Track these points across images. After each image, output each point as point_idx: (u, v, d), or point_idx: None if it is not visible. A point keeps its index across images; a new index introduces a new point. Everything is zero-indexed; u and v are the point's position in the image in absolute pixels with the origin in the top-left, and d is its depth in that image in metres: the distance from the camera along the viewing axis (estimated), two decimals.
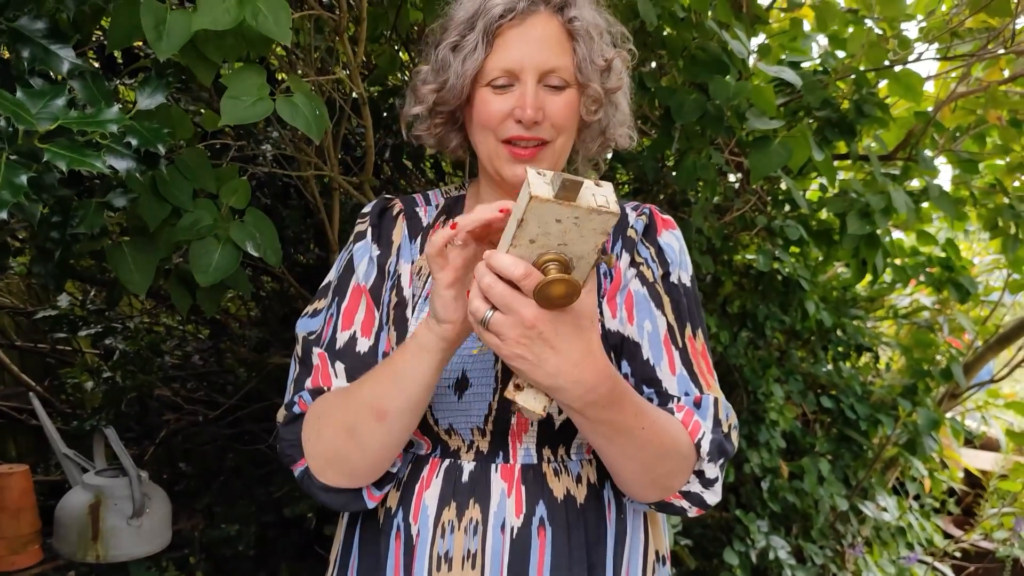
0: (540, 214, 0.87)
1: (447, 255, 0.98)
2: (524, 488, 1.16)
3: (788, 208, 3.14)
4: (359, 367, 1.19)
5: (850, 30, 2.83)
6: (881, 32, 2.85)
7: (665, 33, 2.46)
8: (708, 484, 1.16)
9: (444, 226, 1.31)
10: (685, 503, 1.16)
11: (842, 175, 3.35)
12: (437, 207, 1.35)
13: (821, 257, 3.40)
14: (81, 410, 2.88)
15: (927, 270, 3.46)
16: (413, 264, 1.28)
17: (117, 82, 1.95)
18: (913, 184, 3.10)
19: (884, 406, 3.46)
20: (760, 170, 2.32)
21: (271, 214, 2.57)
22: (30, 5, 1.29)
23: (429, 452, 1.21)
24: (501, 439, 1.17)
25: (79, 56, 1.36)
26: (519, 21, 1.14)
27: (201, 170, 1.65)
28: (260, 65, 1.51)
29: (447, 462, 1.19)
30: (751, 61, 2.52)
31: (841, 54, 2.89)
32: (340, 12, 1.77)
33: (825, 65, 2.84)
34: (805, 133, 2.39)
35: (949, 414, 3.99)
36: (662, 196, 3.03)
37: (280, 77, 2.37)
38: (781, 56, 2.97)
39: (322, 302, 1.28)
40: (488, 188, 1.28)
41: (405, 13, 2.27)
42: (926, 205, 3.19)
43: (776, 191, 3.18)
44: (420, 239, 1.30)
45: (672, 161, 2.84)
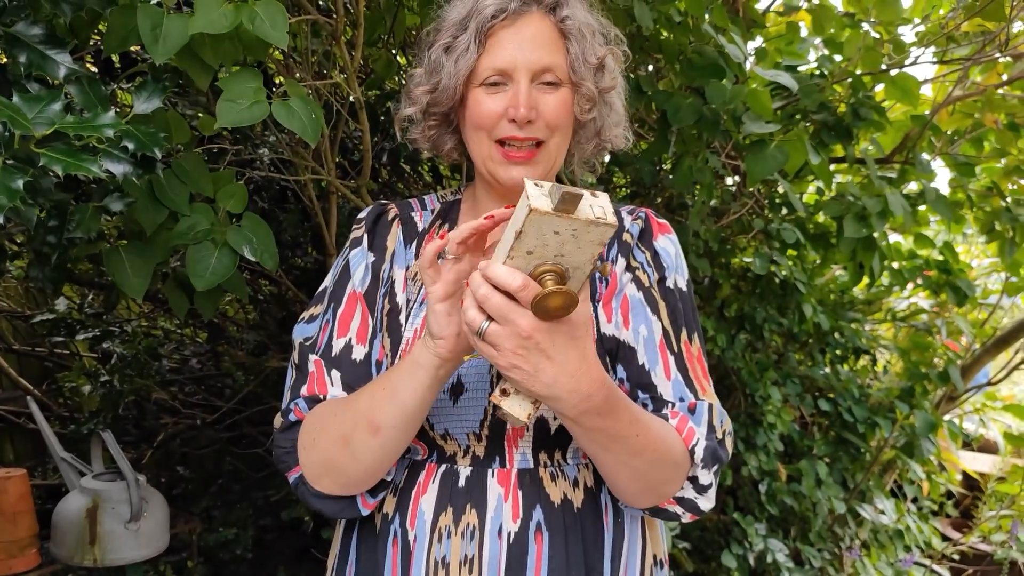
0: (539, 226, 0.86)
1: (439, 268, 0.98)
2: (521, 493, 1.15)
3: (785, 211, 3.14)
4: (354, 374, 1.19)
5: (847, 34, 2.84)
6: (878, 36, 2.86)
7: (662, 37, 2.46)
8: (702, 490, 1.15)
9: (439, 232, 1.31)
10: (679, 509, 1.16)
11: (839, 178, 3.35)
12: (433, 212, 1.34)
13: (818, 260, 3.41)
14: (79, 414, 2.87)
15: (925, 273, 3.46)
16: (408, 270, 1.27)
17: (114, 86, 1.95)
18: (911, 187, 3.11)
19: (882, 409, 3.46)
20: (757, 174, 2.33)
21: (268, 218, 2.58)
22: (27, 10, 1.29)
23: (425, 457, 1.20)
24: (497, 444, 1.16)
25: (76, 61, 1.36)
26: (511, 21, 1.14)
27: (198, 174, 1.65)
28: (257, 69, 1.51)
29: (443, 467, 1.18)
30: (747, 65, 2.53)
31: (838, 58, 2.90)
32: (337, 16, 1.78)
33: (822, 69, 2.85)
34: (801, 137, 2.40)
35: (947, 417, 3.99)
36: (659, 199, 3.04)
37: (277, 81, 2.38)
38: (778, 60, 2.98)
39: (318, 308, 1.28)
40: (484, 192, 1.28)
41: (402, 17, 2.27)
42: (923, 208, 3.19)
43: (773, 194, 3.18)
44: (415, 244, 1.30)
45: (669, 165, 2.84)
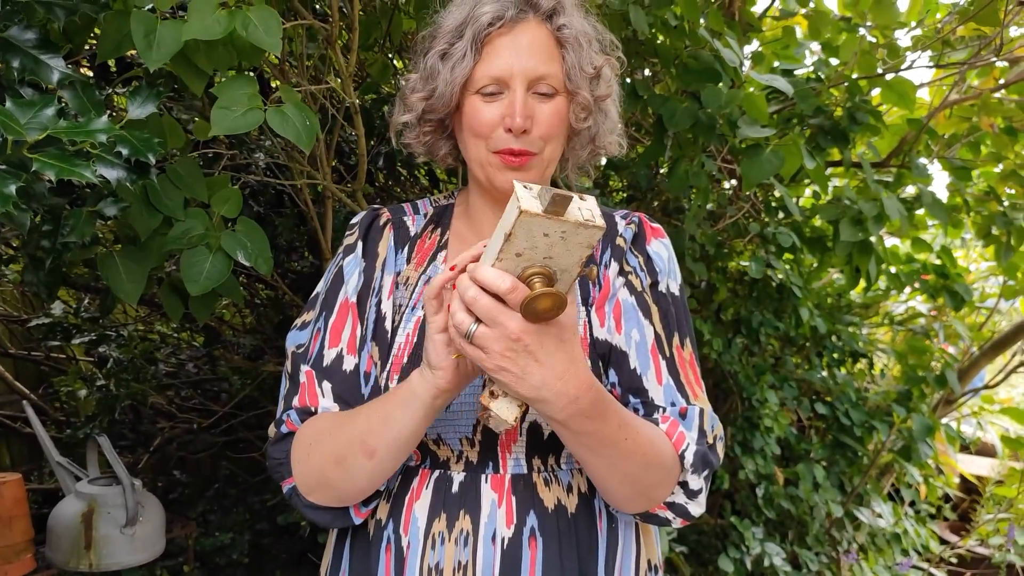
0: (528, 228, 0.86)
1: (443, 298, 0.98)
2: (514, 498, 1.15)
3: (781, 215, 3.15)
4: (345, 385, 1.19)
5: (843, 38, 2.84)
6: (874, 40, 2.86)
7: (657, 41, 2.47)
8: (692, 495, 1.15)
9: (432, 235, 1.31)
10: (669, 514, 1.15)
11: (835, 182, 3.35)
12: (426, 216, 1.34)
13: (815, 264, 3.41)
14: (75, 418, 2.87)
15: (922, 277, 3.46)
16: (399, 275, 1.27)
17: (110, 91, 1.95)
18: (907, 191, 3.11)
19: (879, 412, 3.46)
20: (752, 178, 2.33)
21: (264, 222, 2.58)
22: (20, 15, 1.29)
23: (418, 463, 1.20)
24: (490, 449, 1.16)
25: (71, 66, 1.36)
26: (508, 29, 1.14)
27: (193, 179, 1.64)
28: (253, 74, 1.51)
29: (437, 473, 1.18)
30: (744, 69, 2.53)
31: (834, 62, 2.90)
32: (332, 21, 1.77)
33: (818, 73, 2.85)
34: (797, 141, 2.40)
35: (944, 420, 3.99)
36: (656, 203, 3.04)
37: (274, 85, 2.38)
38: (774, 64, 2.98)
39: (310, 314, 1.28)
40: (478, 195, 1.28)
41: (398, 21, 2.27)
42: (920, 212, 3.19)
43: (769, 198, 3.18)
44: (407, 248, 1.30)
45: (665, 169, 2.84)
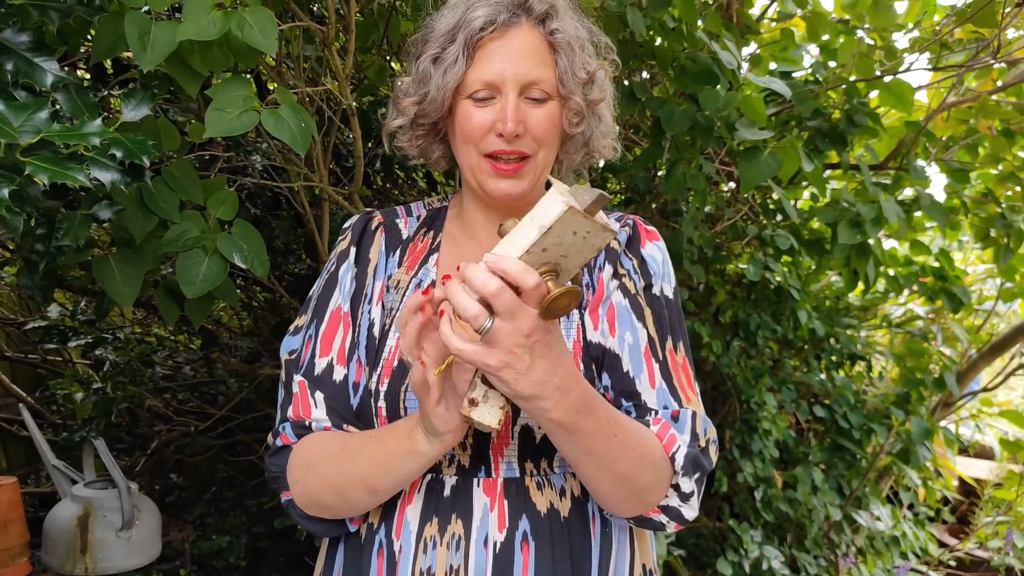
0: (566, 226, 0.86)
1: (432, 383, 0.97)
2: (507, 502, 1.14)
3: (779, 217, 3.14)
4: (336, 397, 1.20)
5: (841, 40, 2.84)
6: (872, 42, 2.86)
7: (655, 44, 2.46)
8: (685, 498, 1.14)
9: (424, 238, 1.31)
10: (663, 518, 1.15)
11: (833, 184, 3.35)
12: (419, 218, 1.34)
13: (813, 266, 3.41)
14: (71, 421, 2.87)
15: (921, 280, 3.46)
16: (390, 278, 1.27)
17: (105, 93, 1.94)
18: (905, 193, 3.11)
19: (877, 415, 3.46)
20: (750, 180, 2.32)
21: (261, 225, 2.57)
22: (14, 18, 1.29)
23: None
24: (482, 453, 1.15)
25: (67, 68, 1.35)
26: (500, 33, 1.13)
27: (188, 181, 1.64)
28: (249, 76, 1.51)
29: (429, 477, 1.17)
30: (741, 71, 2.53)
31: (832, 64, 2.90)
32: (329, 23, 1.77)
33: (816, 75, 2.85)
34: (795, 143, 2.40)
35: (943, 423, 3.99)
36: (654, 206, 3.03)
37: (271, 87, 2.38)
38: (771, 66, 2.98)
39: (303, 319, 1.28)
40: (471, 200, 1.28)
41: (395, 24, 2.27)
42: (918, 214, 3.19)
43: (767, 201, 3.18)
44: (398, 251, 1.29)
45: (663, 171, 2.84)
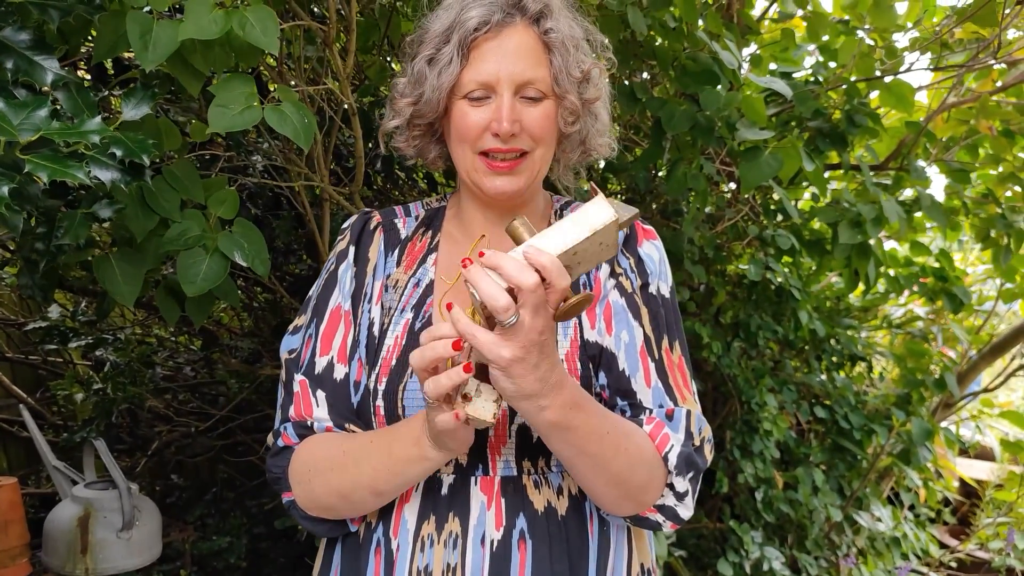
0: (604, 234, 0.91)
1: (449, 400, 0.97)
2: (504, 501, 1.15)
3: (780, 218, 3.14)
4: (337, 395, 1.21)
5: (841, 41, 2.84)
6: (872, 43, 2.86)
7: (656, 43, 2.46)
8: (680, 497, 1.15)
9: (423, 238, 1.31)
10: (660, 517, 1.15)
11: (834, 185, 3.35)
12: (417, 218, 1.34)
13: (814, 267, 3.41)
14: (72, 422, 2.87)
15: (921, 280, 3.46)
16: (388, 278, 1.27)
17: (106, 93, 1.94)
18: (906, 194, 3.11)
19: (878, 416, 3.46)
20: (751, 180, 2.32)
21: (262, 225, 2.57)
22: (14, 16, 1.29)
23: None
24: (480, 451, 1.16)
25: (68, 67, 1.35)
26: (494, 34, 1.13)
27: (189, 181, 1.64)
28: (249, 75, 1.51)
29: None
30: (742, 71, 2.53)
31: (832, 64, 2.90)
32: (330, 23, 1.77)
33: (816, 75, 2.85)
34: (795, 144, 2.40)
35: (943, 424, 3.98)
36: (654, 206, 3.03)
37: (272, 88, 2.38)
38: (772, 66, 2.98)
39: (303, 318, 1.28)
40: (468, 200, 1.28)
41: (396, 24, 2.27)
42: (918, 215, 3.19)
43: (768, 201, 3.18)
44: (397, 251, 1.30)
45: (664, 171, 2.84)
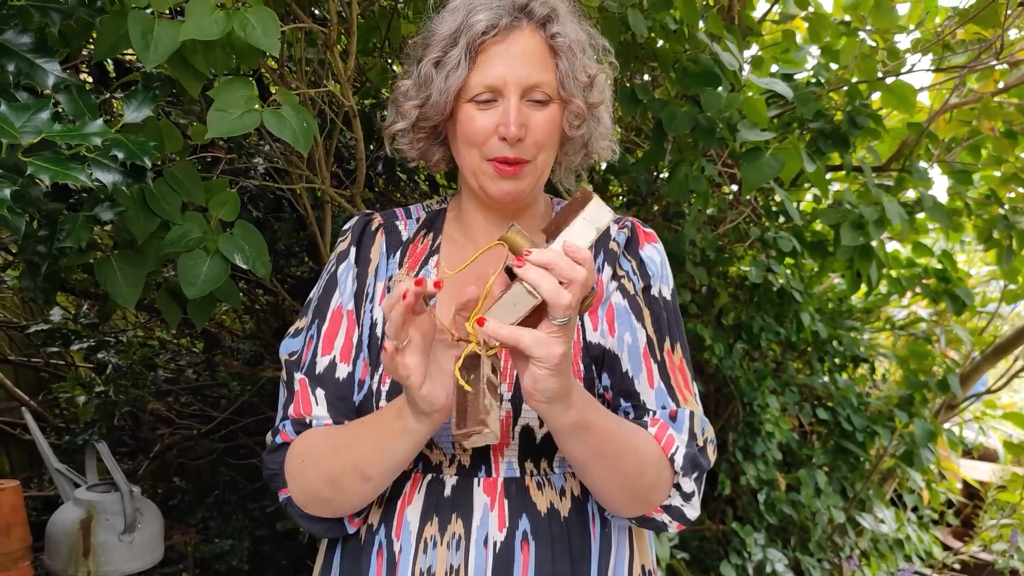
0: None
1: (408, 365, 0.95)
2: (507, 502, 1.15)
3: (782, 219, 3.14)
4: (339, 393, 1.20)
5: (843, 42, 2.84)
6: (874, 44, 2.86)
7: (657, 45, 2.46)
8: (686, 498, 1.15)
9: (424, 240, 1.31)
10: (666, 517, 1.15)
11: (836, 186, 3.35)
12: (418, 220, 1.34)
13: (816, 268, 3.41)
14: (74, 424, 2.87)
15: (923, 282, 3.45)
16: (391, 279, 1.27)
17: (108, 96, 1.94)
18: (908, 195, 3.11)
19: (881, 417, 3.46)
20: (752, 182, 2.32)
21: (263, 227, 2.57)
22: (16, 19, 1.29)
23: (411, 468, 1.19)
24: (483, 453, 1.16)
25: (70, 70, 1.35)
26: (502, 37, 1.13)
27: (190, 183, 1.64)
28: (251, 78, 1.51)
29: (429, 477, 1.17)
30: (743, 73, 2.53)
31: (834, 66, 2.90)
32: (331, 25, 1.77)
33: (818, 77, 2.85)
34: (796, 145, 2.39)
35: (946, 425, 3.98)
36: (656, 208, 3.03)
37: (273, 90, 2.38)
38: (773, 68, 2.98)
39: (303, 321, 1.28)
40: (469, 201, 1.28)
41: (397, 26, 2.28)
42: (920, 216, 3.19)
43: (770, 203, 3.18)
44: (399, 253, 1.30)
45: (665, 173, 2.84)
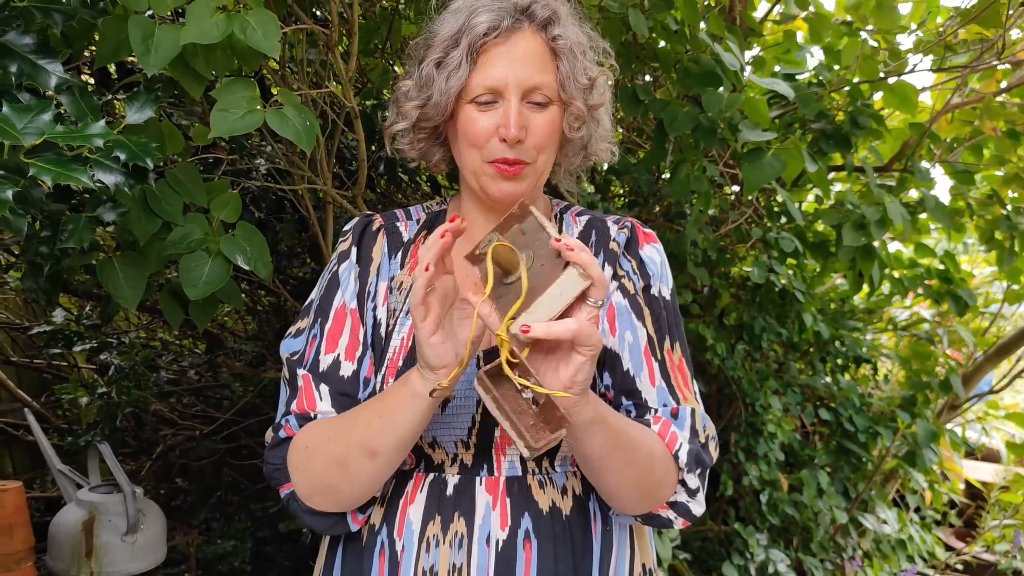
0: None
1: (430, 303, 0.98)
2: (509, 501, 1.15)
3: (784, 220, 3.14)
4: (343, 390, 1.20)
5: (844, 42, 2.84)
6: (875, 44, 2.86)
7: (658, 46, 2.46)
8: (692, 494, 1.17)
9: (425, 242, 1.31)
10: (672, 514, 1.17)
11: (838, 187, 3.34)
12: (418, 222, 1.34)
13: (818, 269, 3.41)
14: (77, 425, 2.87)
15: (926, 282, 3.45)
16: (393, 280, 1.27)
17: (110, 97, 1.95)
18: (910, 195, 3.10)
19: (883, 418, 3.45)
20: (754, 182, 2.32)
21: (265, 228, 2.57)
22: (18, 20, 1.29)
23: (413, 467, 1.20)
24: (485, 452, 1.16)
25: (72, 71, 1.36)
26: (503, 39, 1.14)
27: (192, 184, 1.64)
28: (251, 79, 1.51)
29: (431, 476, 1.18)
30: (745, 73, 2.53)
31: (836, 66, 2.90)
32: (332, 26, 1.78)
33: (819, 77, 2.85)
34: (798, 145, 2.39)
35: (949, 426, 3.97)
36: (657, 208, 3.03)
37: (275, 91, 2.38)
38: (775, 68, 2.98)
39: (304, 322, 1.28)
40: (470, 202, 1.28)
41: (398, 27, 2.28)
42: (923, 216, 3.18)
43: (772, 203, 3.18)
44: (400, 254, 1.30)
45: (667, 173, 2.84)
